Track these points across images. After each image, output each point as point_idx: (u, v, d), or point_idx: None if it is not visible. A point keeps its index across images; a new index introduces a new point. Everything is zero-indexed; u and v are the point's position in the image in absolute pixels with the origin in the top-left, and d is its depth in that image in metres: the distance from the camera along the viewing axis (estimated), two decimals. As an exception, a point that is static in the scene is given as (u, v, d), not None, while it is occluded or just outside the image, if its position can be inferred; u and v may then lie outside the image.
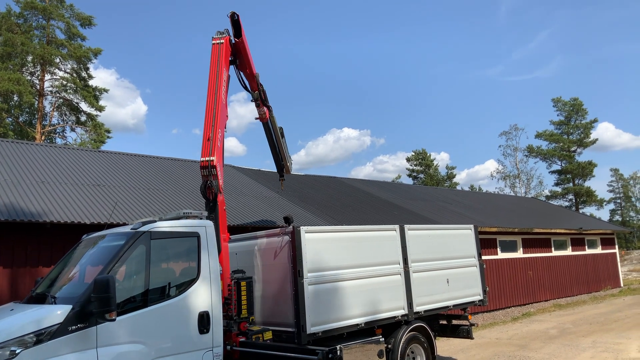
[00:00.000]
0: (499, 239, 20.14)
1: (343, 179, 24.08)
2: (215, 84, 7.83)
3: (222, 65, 7.94)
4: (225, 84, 8.01)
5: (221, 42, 8.13)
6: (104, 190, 12.60)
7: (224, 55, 8.05)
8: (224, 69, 7.97)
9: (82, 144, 34.63)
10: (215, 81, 7.84)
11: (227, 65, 8.22)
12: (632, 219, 78.87)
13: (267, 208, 14.87)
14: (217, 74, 7.87)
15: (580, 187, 60.55)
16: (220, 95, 7.76)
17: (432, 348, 9.18)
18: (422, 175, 65.79)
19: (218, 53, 8.05)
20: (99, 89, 36.91)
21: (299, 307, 7.19)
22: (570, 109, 62.15)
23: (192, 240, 6.69)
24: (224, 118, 7.98)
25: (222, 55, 8.02)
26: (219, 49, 8.08)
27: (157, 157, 17.62)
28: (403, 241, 9.04)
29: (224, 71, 7.97)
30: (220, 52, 8.05)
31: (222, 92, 7.83)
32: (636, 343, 11.76)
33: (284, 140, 10.43)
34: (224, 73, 7.96)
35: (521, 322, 16.59)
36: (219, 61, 7.94)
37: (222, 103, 7.83)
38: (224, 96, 7.89)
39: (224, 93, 7.96)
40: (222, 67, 7.91)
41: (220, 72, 7.87)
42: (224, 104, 7.94)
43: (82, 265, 6.67)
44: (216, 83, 7.82)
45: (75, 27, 35.74)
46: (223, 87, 7.88)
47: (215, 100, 7.71)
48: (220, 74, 7.85)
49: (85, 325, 5.46)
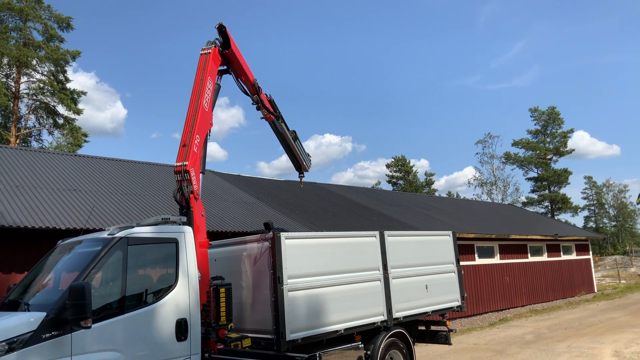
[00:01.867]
0: (476, 245, 20.39)
1: (323, 185, 24.13)
2: (197, 92, 8.01)
3: (207, 75, 8.13)
4: (210, 92, 8.15)
5: (208, 52, 8.37)
6: (80, 195, 12.39)
7: (209, 65, 8.25)
8: (208, 78, 8.14)
9: (58, 148, 34.01)
10: (198, 90, 8.02)
11: (213, 75, 8.38)
12: (605, 225, 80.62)
13: (247, 214, 14.81)
14: (200, 83, 8.06)
15: (556, 194, 61.71)
16: (202, 103, 7.90)
17: (411, 354, 9.23)
18: (401, 182, 66.33)
19: (204, 63, 8.28)
20: (76, 92, 36.36)
21: (279, 314, 7.15)
22: (547, 117, 63.44)
23: (170, 246, 6.61)
24: (206, 125, 8.04)
25: (208, 65, 8.22)
26: (205, 59, 8.31)
27: (135, 162, 17.41)
28: (383, 247, 9.08)
29: (208, 80, 8.13)
30: (207, 62, 8.26)
31: (205, 100, 7.97)
32: (609, 347, 12.00)
33: (297, 142, 10.64)
34: (208, 82, 8.12)
35: (498, 328, 16.79)
36: (204, 71, 8.16)
37: (204, 111, 7.96)
38: (206, 104, 8.02)
39: (208, 101, 8.09)
40: (206, 76, 8.10)
41: (204, 81, 8.05)
42: (207, 112, 8.05)
43: (57, 271, 6.54)
44: (199, 91, 8.00)
45: (53, 29, 35.17)
46: (207, 95, 8.04)
47: (195, 108, 7.88)
48: (204, 83, 8.03)
49: (59, 332, 5.35)
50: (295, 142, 10.60)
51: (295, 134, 10.54)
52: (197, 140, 7.75)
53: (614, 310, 19.17)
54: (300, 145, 10.81)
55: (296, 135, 10.61)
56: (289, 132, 10.42)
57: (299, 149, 10.72)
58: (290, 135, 10.43)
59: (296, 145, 10.63)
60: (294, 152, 10.70)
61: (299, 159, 10.86)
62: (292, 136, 10.47)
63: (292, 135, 10.49)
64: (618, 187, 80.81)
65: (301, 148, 10.85)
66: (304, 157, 10.96)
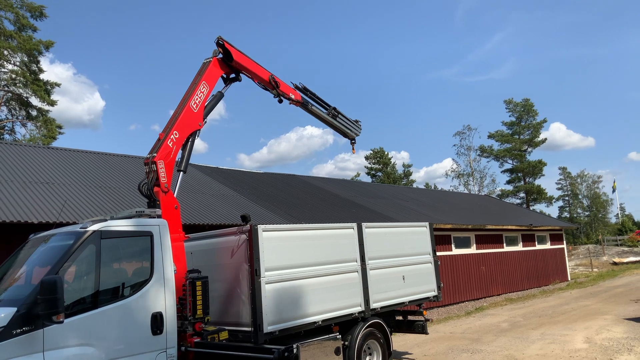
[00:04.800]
0: (453, 235, 20.65)
1: (303, 177, 24.11)
2: (188, 93, 8.50)
3: (203, 79, 8.65)
4: (203, 95, 8.61)
5: (208, 60, 8.95)
6: (53, 188, 12.16)
7: (207, 72, 8.76)
8: (202, 82, 8.62)
9: (31, 140, 33.24)
10: (190, 91, 8.51)
11: (211, 81, 8.83)
12: (579, 215, 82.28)
13: (224, 206, 14.72)
14: (193, 85, 8.58)
15: (531, 185, 62.80)
16: (189, 103, 8.34)
17: (388, 344, 9.34)
18: (380, 174, 66.68)
19: (202, 69, 8.88)
20: (50, 83, 35.52)
21: (256, 307, 7.16)
22: (521, 109, 64.39)
23: (145, 239, 6.55)
24: (190, 125, 8.36)
25: (205, 71, 8.75)
26: (204, 66, 8.91)
27: (110, 154, 17.13)
28: (360, 239, 9.13)
29: (202, 84, 8.60)
30: (205, 68, 8.84)
31: (194, 101, 8.42)
32: (581, 334, 12.31)
33: (339, 117, 11.17)
34: (202, 85, 8.59)
35: (474, 316, 17.07)
36: (200, 75, 8.71)
37: (191, 111, 8.36)
38: (194, 105, 8.43)
39: (199, 103, 8.51)
40: (201, 80, 8.62)
41: (198, 84, 8.55)
42: (194, 112, 8.42)
43: (29, 266, 6.43)
44: (190, 92, 8.49)
45: (25, 18, 34.21)
46: (197, 97, 8.49)
47: (182, 106, 8.31)
48: (196, 86, 8.52)
49: (31, 328, 5.26)
50: (337, 119, 11.15)
51: (335, 110, 11.07)
52: (175, 136, 7.98)
53: (586, 298, 19.65)
54: (343, 118, 11.32)
55: (336, 112, 11.11)
56: (326, 112, 10.97)
57: (340, 123, 11.28)
58: (327, 114, 10.98)
59: (337, 121, 11.18)
60: (335, 128, 11.33)
61: (342, 131, 11.49)
62: (331, 114, 11.01)
63: (332, 112, 11.02)
64: (592, 178, 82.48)
65: (344, 121, 11.37)
66: (348, 128, 11.52)
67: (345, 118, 11.37)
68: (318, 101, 10.82)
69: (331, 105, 11.00)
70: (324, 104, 10.92)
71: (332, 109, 11.00)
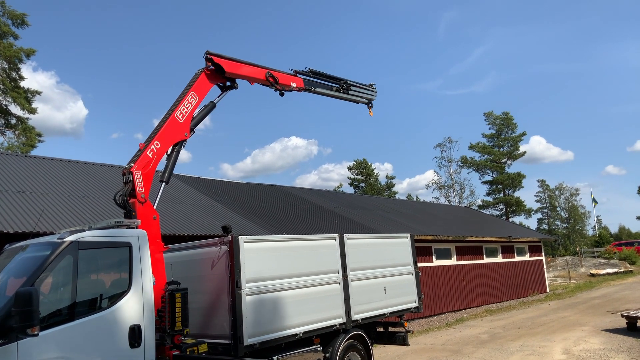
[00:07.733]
0: (434, 246, 20.78)
1: (285, 187, 24.07)
2: (175, 103, 8.46)
3: (192, 90, 8.61)
4: (191, 106, 8.54)
5: (199, 72, 8.92)
6: (30, 198, 11.93)
7: (196, 83, 8.72)
8: (191, 93, 8.58)
9: (9, 148, 32.61)
10: (177, 102, 8.47)
11: (200, 92, 8.77)
12: (558, 227, 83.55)
13: (205, 217, 14.60)
14: (181, 96, 8.56)
15: (510, 197, 63.62)
16: (175, 113, 8.28)
17: (369, 355, 9.32)
18: (363, 185, 66.91)
19: (192, 80, 8.83)
20: (31, 91, 34.96)
21: (236, 319, 7.09)
22: (501, 122, 65.45)
23: (124, 250, 6.45)
24: (174, 135, 8.28)
25: (194, 82, 8.71)
26: (194, 77, 8.87)
27: (90, 163, 16.91)
28: (342, 250, 9.13)
29: (190, 94, 8.56)
30: (194, 79, 8.79)
31: (180, 112, 8.36)
32: (559, 345, 12.44)
33: (351, 89, 11.22)
34: (190, 96, 8.54)
35: (455, 328, 17.15)
36: (189, 86, 8.67)
37: (176, 121, 8.30)
38: (180, 115, 8.36)
39: (185, 114, 8.44)
40: (190, 90, 8.59)
41: (186, 94, 8.50)
42: (179, 123, 8.36)
43: (3, 277, 6.26)
44: (176, 103, 8.44)
45: (6, 25, 33.71)
46: (184, 107, 8.43)
47: (166, 116, 8.26)
48: (184, 96, 8.47)
49: (4, 341, 5.12)
50: (349, 92, 11.21)
51: (345, 84, 11.09)
52: (156, 146, 7.91)
53: (564, 310, 19.90)
54: (356, 88, 11.36)
55: (347, 85, 11.12)
56: (335, 89, 10.94)
57: (352, 95, 11.33)
58: (336, 91, 10.98)
59: (349, 94, 11.24)
60: (348, 100, 11.38)
61: (354, 101, 11.54)
62: (342, 88, 11.02)
63: (343, 86, 11.03)
64: (570, 191, 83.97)
65: (356, 91, 11.41)
66: (361, 95, 11.55)
67: (358, 86, 11.44)
68: (326, 80, 10.80)
69: (342, 79, 11.04)
70: (334, 80, 10.93)
71: (342, 82, 11.04)
